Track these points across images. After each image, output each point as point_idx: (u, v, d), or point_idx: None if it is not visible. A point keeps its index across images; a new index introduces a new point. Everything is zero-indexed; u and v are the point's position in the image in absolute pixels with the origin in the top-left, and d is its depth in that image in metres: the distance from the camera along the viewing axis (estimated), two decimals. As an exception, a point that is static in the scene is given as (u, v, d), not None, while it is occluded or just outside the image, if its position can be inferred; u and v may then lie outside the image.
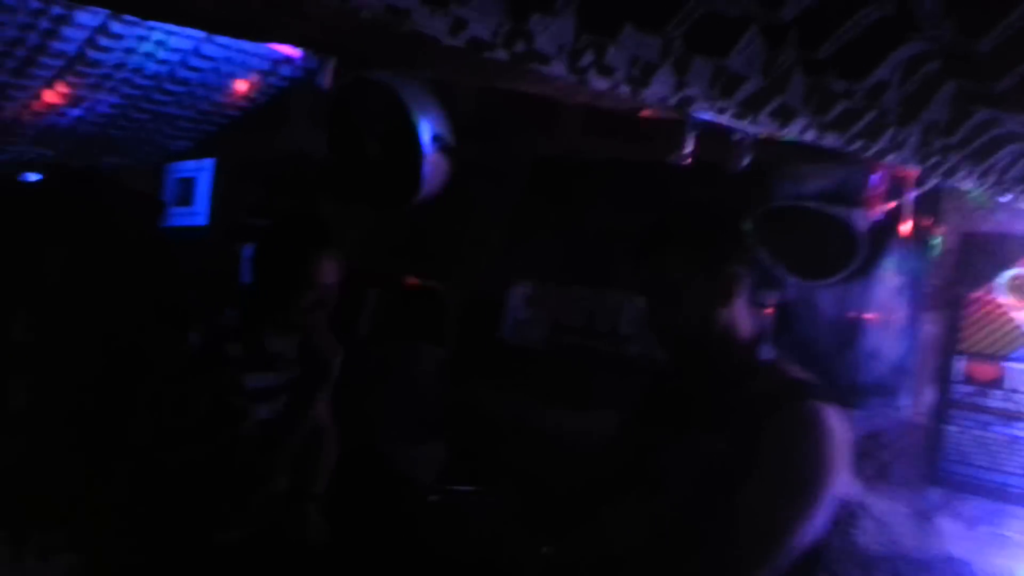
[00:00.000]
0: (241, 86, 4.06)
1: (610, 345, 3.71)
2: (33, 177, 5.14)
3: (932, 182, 2.99)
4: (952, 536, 3.07)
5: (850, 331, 3.24)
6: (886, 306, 3.22)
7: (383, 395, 3.64)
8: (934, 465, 3.13)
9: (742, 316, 1.67)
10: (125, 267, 4.21)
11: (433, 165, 3.36)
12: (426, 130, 3.32)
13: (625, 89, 1.90)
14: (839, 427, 1.55)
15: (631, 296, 3.66)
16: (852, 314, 3.25)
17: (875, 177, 3.07)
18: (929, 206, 3.14)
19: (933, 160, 1.99)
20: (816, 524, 1.53)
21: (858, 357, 3.21)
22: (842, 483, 1.56)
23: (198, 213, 4.74)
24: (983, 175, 2.09)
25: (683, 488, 1.61)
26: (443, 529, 3.00)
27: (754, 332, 1.69)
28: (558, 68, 1.80)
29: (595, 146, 3.70)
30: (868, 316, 3.23)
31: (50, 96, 3.91)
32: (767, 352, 1.68)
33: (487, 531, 2.96)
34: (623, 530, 1.72)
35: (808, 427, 1.52)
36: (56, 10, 3.30)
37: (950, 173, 2.13)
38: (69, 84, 3.89)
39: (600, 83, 1.89)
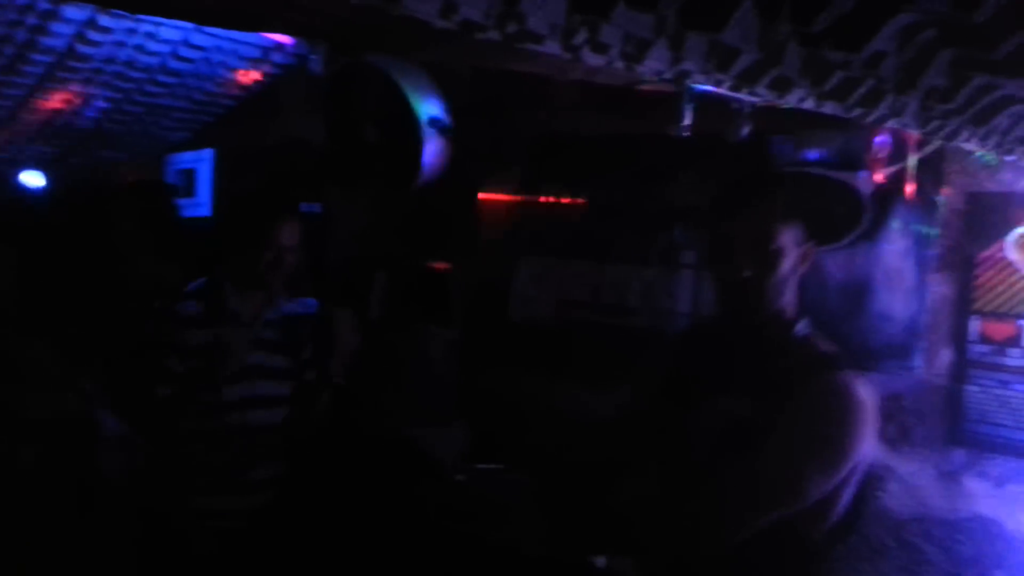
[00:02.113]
0: (234, 75, 4.03)
1: (616, 318, 3.71)
2: (34, 175, 5.13)
3: (934, 145, 2.97)
4: (979, 495, 3.07)
5: (859, 295, 3.23)
6: (894, 268, 3.21)
7: (398, 379, 3.65)
8: (956, 426, 3.13)
9: (795, 289, 1.68)
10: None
11: (432, 147, 3.34)
12: (423, 112, 3.29)
13: (620, 65, 1.88)
14: (868, 400, 1.58)
15: (636, 269, 3.65)
16: (861, 278, 3.23)
17: (878, 141, 3.04)
18: (933, 168, 3.11)
19: (934, 124, 1.97)
20: (836, 490, 1.55)
21: (869, 320, 3.20)
22: (867, 454, 1.59)
23: (201, 203, 4.73)
24: (985, 137, 2.06)
25: (708, 451, 1.63)
26: (472, 508, 3.02)
27: (799, 305, 1.71)
28: (551, 47, 1.78)
29: (594, 121, 3.67)
30: (877, 279, 3.22)
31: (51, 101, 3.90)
32: (803, 327, 1.70)
33: (516, 508, 2.97)
34: (645, 491, 1.75)
35: (837, 397, 1.55)
36: (43, 5, 3.27)
37: (952, 136, 2.10)
38: (59, 81, 3.87)
39: (594, 60, 1.87)
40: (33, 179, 5.21)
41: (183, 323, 2.29)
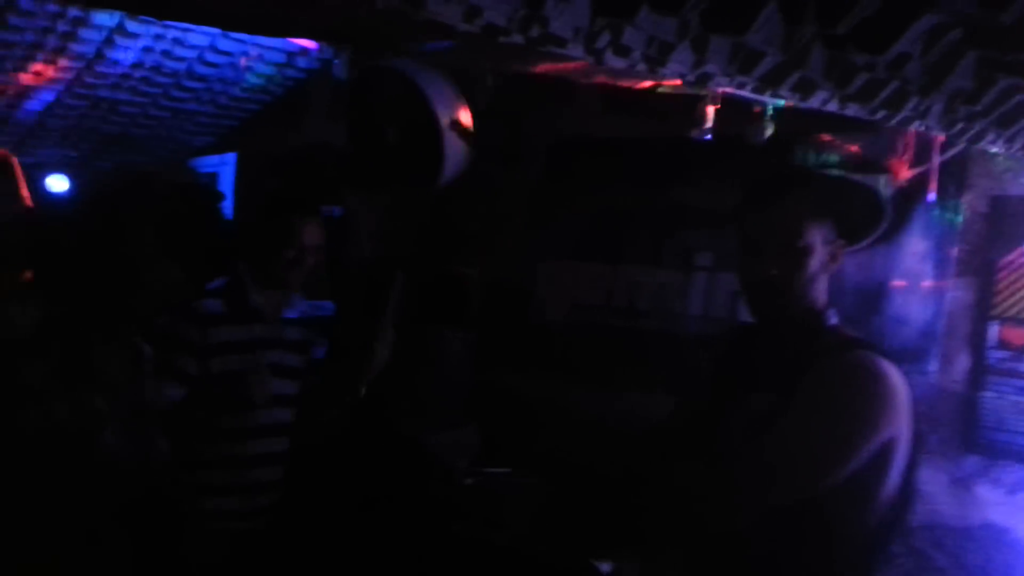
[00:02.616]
0: (259, 81, 4.08)
1: (629, 320, 3.72)
2: (59, 179, 5.20)
3: (958, 147, 2.96)
4: (992, 503, 3.04)
5: (877, 297, 3.21)
6: (913, 272, 3.19)
7: (414, 380, 3.67)
8: (971, 432, 3.10)
9: (826, 287, 1.69)
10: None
11: (452, 149, 3.37)
12: (444, 115, 3.32)
13: (642, 68, 1.89)
14: (894, 377, 1.56)
15: (649, 270, 3.66)
16: (879, 280, 3.22)
17: (900, 143, 3.03)
18: (956, 171, 3.09)
19: (958, 127, 1.96)
20: (874, 474, 1.54)
21: (886, 323, 3.19)
22: (904, 437, 1.57)
23: (224, 207, 4.78)
24: (1010, 140, 2.06)
25: (736, 444, 1.62)
26: (480, 511, 3.02)
27: (828, 299, 1.71)
28: (574, 50, 1.79)
29: (614, 124, 3.68)
30: (895, 282, 3.20)
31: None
32: (832, 317, 1.70)
33: (524, 512, 2.98)
34: (674, 495, 1.74)
35: (858, 369, 1.54)
36: (73, 12, 3.32)
37: (976, 139, 2.09)
38: (88, 86, 3.92)
39: (617, 63, 1.88)
40: (58, 183, 5.29)
41: (205, 321, 2.29)
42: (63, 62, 3.70)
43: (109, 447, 1.93)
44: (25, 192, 2.88)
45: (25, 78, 3.82)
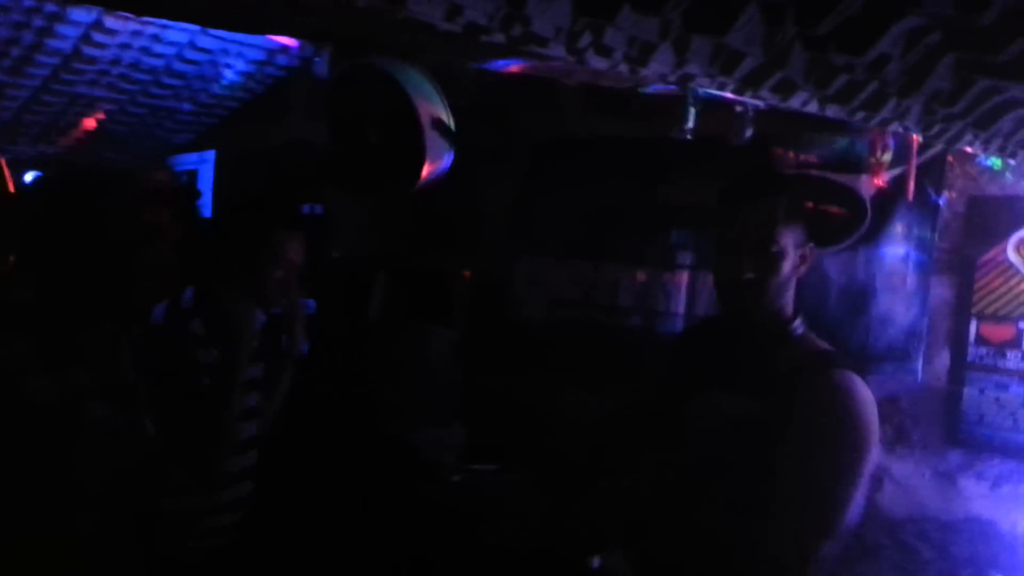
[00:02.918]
0: (238, 78, 4.04)
1: (611, 318, 3.72)
2: (35, 175, 5.15)
3: (937, 148, 2.98)
4: (976, 497, 3.08)
5: (860, 297, 3.24)
6: (895, 271, 3.22)
7: (398, 379, 3.66)
8: (954, 427, 3.14)
9: (793, 289, 1.71)
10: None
11: (435, 149, 3.35)
12: (426, 114, 3.30)
13: (624, 68, 1.89)
14: (869, 395, 1.60)
15: (630, 269, 3.67)
16: (861, 280, 3.24)
17: (879, 145, 3.05)
18: (935, 171, 3.12)
19: (937, 128, 1.98)
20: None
21: (869, 323, 3.21)
22: (876, 450, 1.61)
23: (202, 205, 4.74)
24: (988, 141, 2.07)
25: (705, 446, 1.65)
26: (466, 508, 3.03)
27: (795, 304, 1.74)
28: (556, 50, 1.79)
29: (597, 124, 3.68)
30: (877, 282, 3.23)
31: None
32: (799, 326, 1.73)
33: (509, 508, 2.98)
34: (643, 487, 1.76)
35: (844, 394, 1.58)
36: (50, 7, 3.28)
37: (954, 140, 2.11)
38: (65, 83, 3.88)
39: (598, 63, 1.88)
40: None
41: (188, 342, 2.20)
42: (40, 58, 3.66)
43: (94, 421, 1.91)
44: (9, 182, 2.85)
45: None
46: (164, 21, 3.37)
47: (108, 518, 1.92)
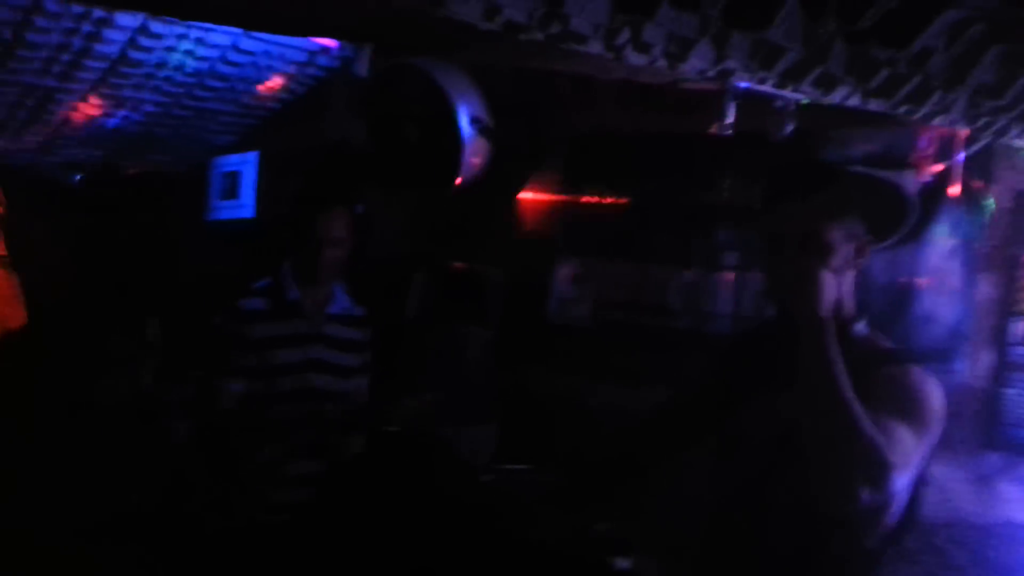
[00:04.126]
0: (281, 80, 4.09)
1: (657, 319, 3.70)
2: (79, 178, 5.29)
3: (983, 142, 2.92)
4: (1014, 500, 3.02)
5: (903, 296, 3.19)
6: (939, 269, 3.16)
7: (434, 378, 3.68)
8: (993, 429, 3.08)
9: (851, 286, 1.66)
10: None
11: (472, 147, 3.37)
12: (464, 113, 3.33)
13: (663, 64, 1.89)
14: (941, 392, 1.56)
15: (677, 269, 3.64)
16: (905, 279, 3.19)
17: (924, 139, 3.00)
18: (980, 166, 3.06)
19: (983, 121, 1.95)
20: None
21: (912, 322, 3.16)
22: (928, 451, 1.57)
23: (245, 206, 4.80)
24: (1036, 134, 2.04)
25: (762, 450, 1.61)
26: (498, 508, 3.03)
27: (856, 305, 1.68)
28: (594, 47, 1.79)
29: (634, 120, 3.67)
30: (921, 280, 3.17)
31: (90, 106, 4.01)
32: (862, 327, 1.67)
33: (541, 509, 2.98)
34: (690, 489, 1.73)
35: (917, 382, 1.54)
36: (98, 13, 3.35)
37: (1000, 133, 2.08)
38: (112, 86, 3.96)
39: (637, 60, 1.88)
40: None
41: (248, 318, 2.36)
42: (87, 63, 3.74)
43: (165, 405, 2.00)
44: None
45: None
46: (207, 24, 3.43)
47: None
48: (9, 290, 3.55)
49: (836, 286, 1.61)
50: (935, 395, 1.54)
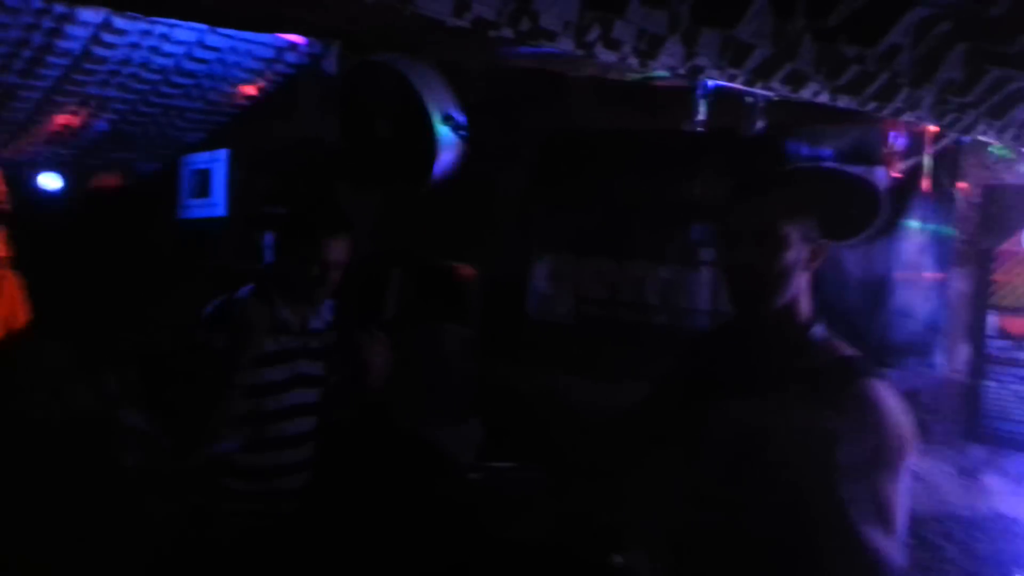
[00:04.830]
0: (248, 76, 4.04)
1: (636, 315, 3.70)
2: (51, 177, 5.19)
3: (951, 138, 2.95)
4: (999, 493, 3.04)
5: (878, 291, 3.20)
6: (912, 264, 3.18)
7: (414, 376, 3.65)
8: (975, 422, 3.10)
9: (808, 287, 1.66)
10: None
11: (445, 145, 3.35)
12: (436, 110, 3.30)
13: (633, 61, 1.88)
14: (899, 404, 1.55)
15: (654, 266, 3.64)
16: (878, 274, 3.20)
17: (894, 135, 3.01)
18: (949, 162, 3.08)
19: (950, 118, 1.96)
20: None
21: (888, 317, 3.17)
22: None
23: (216, 204, 4.75)
24: (1001, 130, 2.05)
25: (723, 452, 1.61)
26: (483, 506, 3.02)
27: (813, 307, 1.68)
28: (565, 44, 1.78)
29: (607, 117, 3.66)
30: (895, 275, 3.19)
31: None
32: (821, 330, 1.66)
33: (528, 506, 2.98)
34: (652, 492, 1.73)
35: (872, 409, 1.51)
36: (59, 8, 3.29)
37: (968, 129, 2.09)
38: (76, 83, 3.89)
39: (607, 56, 1.87)
40: (51, 181, 5.28)
41: (240, 330, 2.26)
42: (50, 59, 3.67)
43: (125, 426, 1.94)
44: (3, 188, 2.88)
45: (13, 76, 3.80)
46: (173, 20, 3.38)
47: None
48: (14, 290, 3.46)
49: (791, 285, 1.61)
50: (897, 415, 1.53)
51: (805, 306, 1.65)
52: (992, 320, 3.09)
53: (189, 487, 2.28)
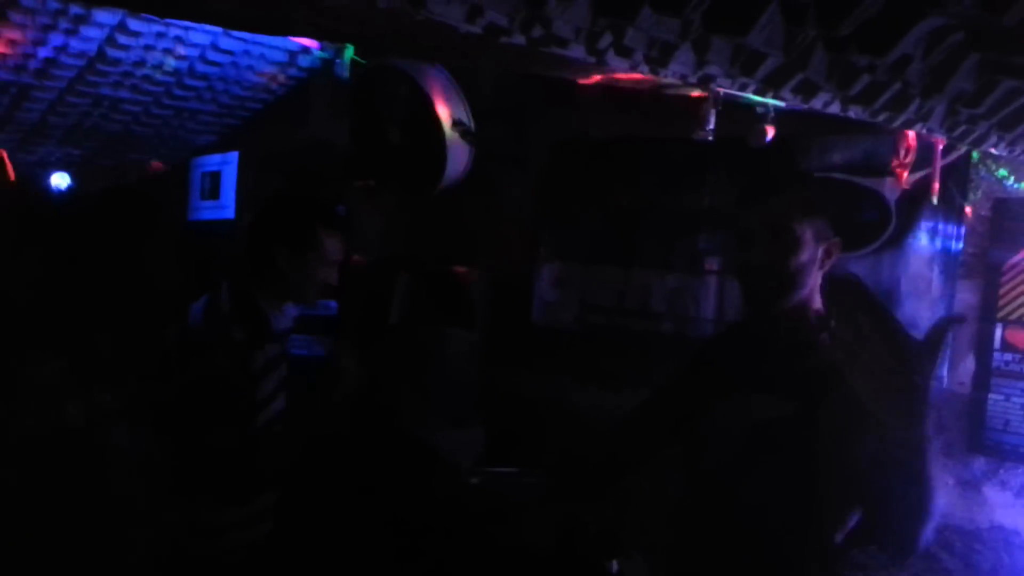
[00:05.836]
0: (260, 80, 4.06)
1: (642, 323, 3.70)
2: (62, 177, 5.22)
3: (961, 150, 2.94)
4: (1000, 505, 3.03)
5: (884, 301, 3.20)
6: (919, 275, 3.18)
7: (418, 381, 3.65)
8: (978, 434, 3.09)
9: (821, 288, 1.67)
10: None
11: (455, 150, 3.36)
12: (447, 115, 3.31)
13: (644, 69, 1.89)
14: None
15: (661, 274, 3.64)
16: (885, 284, 3.20)
17: (903, 146, 3.01)
18: (959, 173, 3.08)
19: (961, 129, 1.95)
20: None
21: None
22: None
23: (226, 206, 4.77)
24: (1013, 143, 2.05)
25: (733, 450, 1.62)
26: (485, 510, 3.02)
27: (824, 306, 1.69)
28: (576, 51, 1.79)
29: (616, 124, 3.67)
30: (902, 286, 3.19)
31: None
32: (828, 338, 1.66)
33: (528, 511, 2.97)
34: (661, 489, 1.74)
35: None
36: (75, 10, 3.32)
37: (979, 141, 2.08)
38: (90, 84, 3.91)
39: (619, 64, 1.87)
40: (61, 181, 5.31)
41: (230, 349, 2.11)
42: (65, 60, 3.70)
43: (120, 443, 1.91)
44: (10, 170, 2.87)
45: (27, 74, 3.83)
46: (187, 23, 3.40)
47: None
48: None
49: (805, 283, 1.63)
50: None
51: (818, 306, 1.65)
52: (998, 333, 3.09)
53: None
